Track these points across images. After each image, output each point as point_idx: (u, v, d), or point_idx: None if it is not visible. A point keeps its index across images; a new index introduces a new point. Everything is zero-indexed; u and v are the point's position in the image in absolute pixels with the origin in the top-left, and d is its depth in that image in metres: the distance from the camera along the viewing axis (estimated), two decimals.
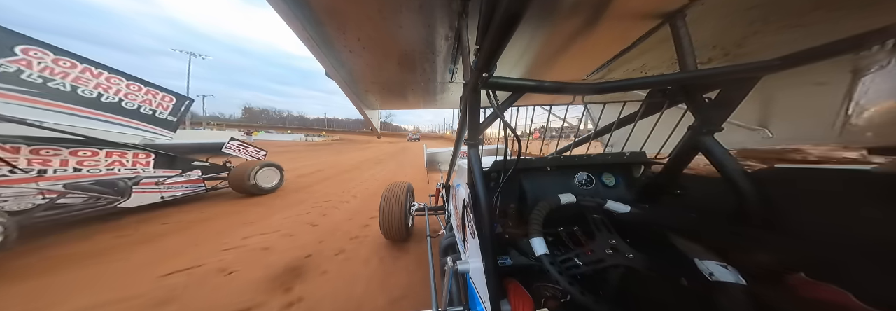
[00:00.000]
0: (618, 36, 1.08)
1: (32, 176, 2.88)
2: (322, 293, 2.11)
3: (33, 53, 2.65)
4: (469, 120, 0.96)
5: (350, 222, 3.79)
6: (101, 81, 3.13)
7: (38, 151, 2.91)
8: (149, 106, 3.63)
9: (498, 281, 0.73)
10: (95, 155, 3.31)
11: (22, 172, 2.80)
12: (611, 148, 1.68)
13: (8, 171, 2.73)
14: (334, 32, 1.02)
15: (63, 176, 3.07)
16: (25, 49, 2.61)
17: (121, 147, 3.50)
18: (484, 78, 0.71)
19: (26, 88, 2.56)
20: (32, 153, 2.88)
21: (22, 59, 2.57)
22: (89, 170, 3.25)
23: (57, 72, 2.77)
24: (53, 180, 2.98)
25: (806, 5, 0.85)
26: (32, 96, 2.60)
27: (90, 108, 3.03)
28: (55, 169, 3.01)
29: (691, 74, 0.82)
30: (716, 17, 0.95)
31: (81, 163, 3.18)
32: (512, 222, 1.18)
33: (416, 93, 1.98)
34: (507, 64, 1.38)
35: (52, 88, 2.72)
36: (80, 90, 2.96)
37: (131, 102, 3.44)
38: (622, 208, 0.93)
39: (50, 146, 2.99)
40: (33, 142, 2.89)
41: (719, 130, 0.93)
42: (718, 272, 0.64)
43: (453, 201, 1.72)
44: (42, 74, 2.68)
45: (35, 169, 2.89)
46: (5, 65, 2.46)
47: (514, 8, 0.47)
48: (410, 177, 7.01)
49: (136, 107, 3.48)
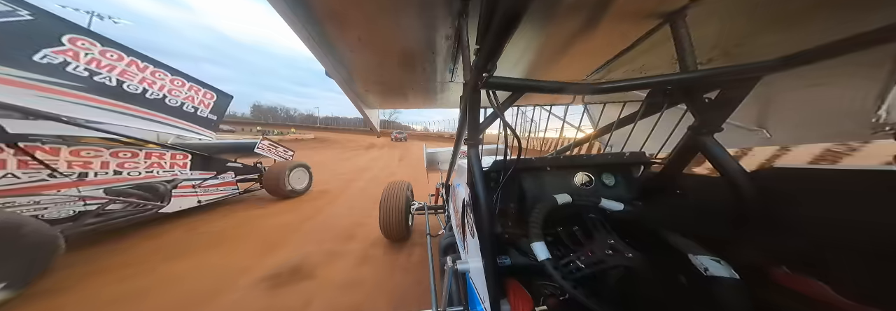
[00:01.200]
0: (618, 36, 1.08)
1: (73, 180, 2.61)
2: None
3: (80, 44, 2.40)
4: (469, 120, 0.96)
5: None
6: (146, 75, 2.88)
7: (78, 152, 2.64)
8: (191, 103, 3.37)
9: (497, 281, 0.73)
10: (135, 156, 3.05)
11: (62, 175, 2.52)
12: (611, 148, 1.68)
13: (47, 175, 2.46)
14: (334, 32, 1.02)
15: (104, 180, 2.81)
16: (72, 39, 2.37)
17: (159, 147, 3.28)
18: (484, 78, 0.71)
19: (72, 82, 2.32)
20: (73, 155, 2.61)
21: (68, 49, 2.32)
22: (129, 173, 2.99)
23: (104, 65, 2.53)
24: (94, 185, 2.74)
25: (806, 5, 0.85)
26: (76, 91, 2.34)
27: (135, 105, 2.79)
28: (96, 172, 2.73)
29: (691, 75, 0.82)
30: (716, 18, 0.95)
31: (122, 165, 2.94)
32: (512, 221, 1.18)
33: (416, 92, 1.98)
34: (507, 64, 1.38)
35: (98, 83, 2.49)
36: (126, 85, 2.72)
37: (175, 98, 3.16)
38: (616, 206, 0.95)
39: (90, 147, 2.72)
40: (73, 142, 2.63)
41: (719, 130, 0.93)
42: (712, 267, 0.65)
43: (453, 201, 1.72)
44: (88, 66, 2.44)
45: (75, 172, 2.62)
46: (50, 55, 2.20)
47: (514, 8, 0.47)
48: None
49: (180, 104, 3.21)
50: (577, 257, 0.78)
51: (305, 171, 5.39)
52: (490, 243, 0.82)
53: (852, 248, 0.59)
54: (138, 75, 2.81)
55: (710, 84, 0.91)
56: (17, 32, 2.06)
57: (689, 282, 0.68)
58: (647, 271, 0.72)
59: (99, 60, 2.49)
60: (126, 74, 2.70)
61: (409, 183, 3.13)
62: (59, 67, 2.25)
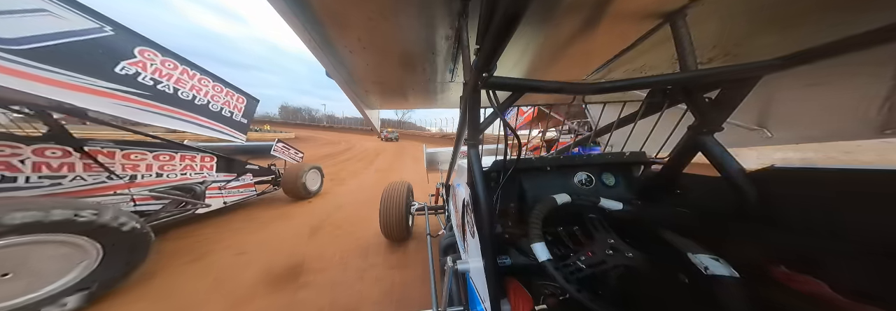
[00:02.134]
0: (618, 36, 1.08)
1: (126, 182, 2.83)
2: None
3: (147, 55, 2.63)
4: (469, 120, 0.96)
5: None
6: (194, 82, 3.11)
7: (129, 155, 2.90)
8: (228, 108, 3.55)
9: (498, 281, 0.73)
10: (172, 159, 3.27)
11: (118, 178, 2.76)
12: (611, 148, 1.68)
13: (106, 177, 2.67)
14: (334, 32, 1.02)
15: (150, 182, 3.04)
16: (142, 50, 2.60)
17: (190, 150, 3.47)
18: (484, 78, 0.71)
19: (141, 91, 2.51)
20: (125, 158, 2.86)
21: (139, 60, 2.55)
22: (168, 175, 3.21)
23: (163, 74, 2.75)
24: (142, 187, 2.97)
25: (806, 5, 0.85)
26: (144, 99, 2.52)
27: (186, 110, 2.95)
28: (143, 174, 2.98)
29: (691, 74, 0.82)
30: (716, 17, 0.95)
31: (162, 167, 3.17)
32: (512, 221, 1.18)
33: (416, 93, 1.98)
34: (507, 64, 1.38)
35: (160, 90, 2.69)
36: (180, 92, 2.91)
37: (216, 104, 3.37)
38: (615, 206, 0.95)
39: (137, 150, 2.96)
40: (125, 146, 2.88)
41: (719, 129, 0.93)
42: (712, 266, 0.65)
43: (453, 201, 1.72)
44: (153, 75, 2.65)
45: (128, 174, 2.86)
46: (127, 67, 2.43)
47: (514, 8, 0.47)
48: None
49: (220, 109, 3.41)
50: (577, 257, 0.78)
51: (318, 172, 5.45)
52: (490, 243, 0.82)
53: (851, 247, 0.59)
54: (189, 83, 3.03)
55: (711, 84, 0.91)
56: (103, 47, 2.28)
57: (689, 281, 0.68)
58: (648, 270, 0.72)
59: (160, 69, 2.71)
60: (180, 81, 2.91)
61: (409, 184, 3.13)
62: (133, 77, 2.47)
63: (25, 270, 1.71)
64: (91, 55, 2.19)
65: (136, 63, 2.50)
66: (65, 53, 2.01)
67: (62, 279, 1.84)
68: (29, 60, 1.82)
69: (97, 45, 2.23)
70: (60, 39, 2.00)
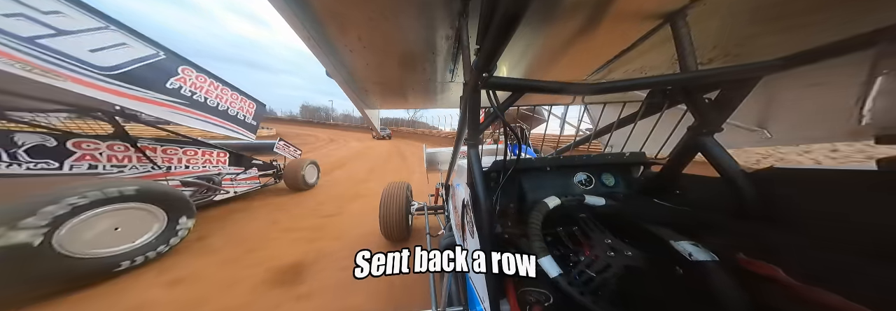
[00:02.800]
0: (618, 36, 1.08)
1: (163, 172, 3.57)
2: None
3: (187, 72, 3.25)
4: (469, 120, 0.96)
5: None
6: (217, 92, 3.75)
7: (166, 150, 3.68)
8: (241, 112, 4.17)
9: (497, 281, 0.73)
10: (196, 154, 4.04)
11: (159, 168, 3.52)
12: (611, 148, 1.68)
13: (151, 167, 3.44)
14: (335, 32, 1.02)
15: (181, 172, 3.80)
16: (183, 68, 3.21)
17: (209, 147, 4.20)
18: (484, 78, 0.71)
19: (183, 100, 3.18)
20: (163, 153, 3.64)
21: (182, 77, 3.18)
22: (193, 167, 3.98)
23: (197, 86, 3.41)
24: (174, 176, 3.67)
25: (807, 6, 0.85)
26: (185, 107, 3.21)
27: (213, 115, 3.63)
28: (175, 166, 3.76)
29: (691, 75, 0.82)
30: (717, 18, 0.95)
31: (189, 161, 3.94)
32: (511, 221, 1.18)
33: (416, 93, 1.98)
34: (507, 64, 1.38)
35: (195, 100, 3.35)
36: (208, 101, 3.57)
37: (233, 108, 4.00)
38: (598, 202, 0.97)
39: (172, 146, 3.76)
40: (163, 143, 3.67)
41: (719, 130, 0.93)
42: (695, 252, 0.67)
43: (453, 201, 1.72)
44: (191, 88, 3.30)
45: (166, 166, 3.61)
46: (173, 82, 3.07)
47: (514, 8, 0.47)
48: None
49: (235, 113, 4.04)
50: (584, 264, 0.77)
51: (315, 167, 6.09)
52: (490, 243, 0.82)
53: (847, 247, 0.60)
54: (213, 92, 3.69)
55: (711, 84, 0.91)
56: (158, 68, 2.90)
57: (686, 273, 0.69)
58: (647, 268, 0.72)
59: (195, 83, 3.38)
60: (208, 92, 3.60)
61: (409, 184, 3.13)
62: (177, 90, 3.13)
63: (127, 226, 2.48)
64: (151, 74, 2.84)
65: (180, 79, 3.16)
66: (136, 74, 2.66)
67: (148, 234, 2.65)
68: (118, 81, 2.50)
69: (155, 67, 2.87)
70: (134, 65, 2.67)
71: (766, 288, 0.60)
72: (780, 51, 0.77)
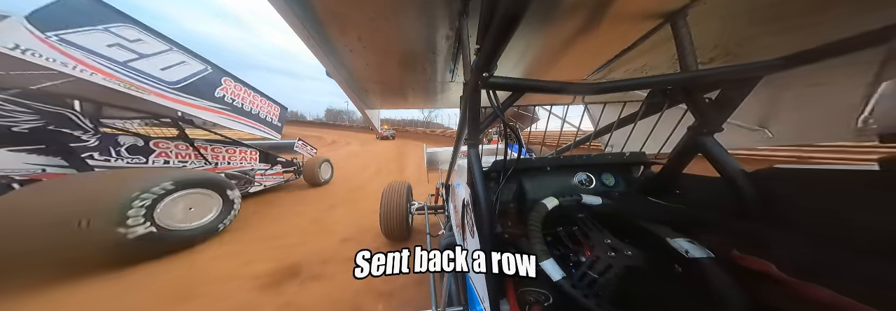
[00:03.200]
0: (618, 36, 1.08)
1: (212, 167, 4.28)
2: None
3: (228, 82, 3.97)
4: (469, 120, 0.96)
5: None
6: (250, 98, 4.43)
7: (214, 149, 4.46)
8: (269, 115, 4.84)
9: (497, 281, 0.73)
10: (234, 152, 4.76)
11: (209, 163, 4.27)
12: (611, 148, 1.68)
13: (203, 163, 4.18)
14: (335, 32, 1.01)
15: (224, 167, 4.49)
16: (225, 80, 3.91)
17: (244, 146, 4.91)
18: (484, 78, 0.71)
19: (225, 106, 3.86)
20: (212, 151, 4.41)
21: (224, 86, 3.90)
22: (233, 163, 4.69)
23: (236, 94, 4.10)
24: (220, 170, 4.31)
25: (807, 6, 0.85)
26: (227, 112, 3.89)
27: (248, 118, 4.32)
28: (220, 162, 4.49)
29: (692, 75, 0.82)
30: (717, 18, 0.95)
31: (230, 158, 4.67)
32: (511, 221, 1.17)
33: (416, 93, 1.98)
34: (507, 64, 1.37)
35: (235, 106, 4.06)
36: (243, 106, 4.24)
37: (263, 112, 4.69)
38: (595, 201, 0.97)
39: (218, 146, 4.53)
40: (212, 143, 4.47)
41: (719, 130, 0.93)
42: (691, 249, 0.68)
43: (453, 201, 1.72)
44: (231, 96, 4.00)
45: (214, 162, 4.36)
46: (218, 92, 3.79)
47: (515, 8, 0.47)
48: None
49: (264, 116, 4.72)
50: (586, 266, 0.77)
51: (329, 164, 6.76)
52: (490, 243, 0.82)
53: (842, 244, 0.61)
54: (248, 99, 4.37)
55: (711, 84, 0.91)
56: (207, 80, 3.61)
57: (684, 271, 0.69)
58: (648, 267, 0.72)
59: (234, 91, 4.07)
60: (244, 98, 4.27)
61: (409, 184, 3.13)
62: (222, 98, 3.82)
63: (197, 207, 3.06)
64: (203, 86, 3.53)
65: (223, 89, 3.88)
66: (193, 86, 3.33)
67: (210, 214, 3.19)
68: (182, 92, 3.17)
69: (205, 79, 3.57)
70: (191, 79, 3.34)
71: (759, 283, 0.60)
72: (781, 51, 0.76)
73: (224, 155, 4.57)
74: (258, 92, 4.54)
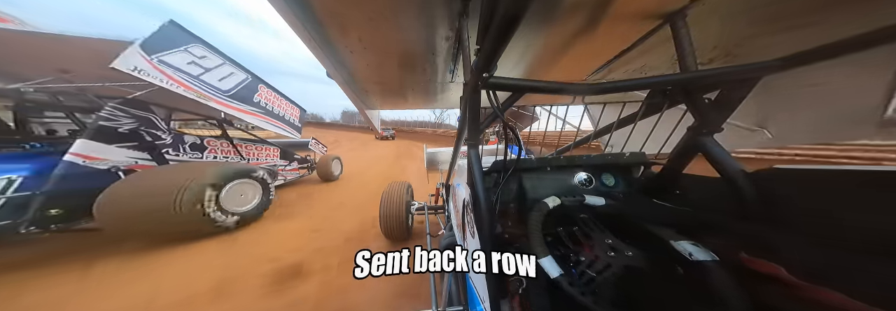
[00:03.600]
0: (618, 36, 1.08)
1: (246, 162, 5.03)
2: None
3: (263, 89, 4.60)
4: (469, 120, 0.96)
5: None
6: (278, 101, 5.01)
7: (247, 146, 5.18)
8: (291, 116, 5.41)
9: (497, 281, 0.73)
10: (262, 149, 5.51)
11: (245, 159, 5.04)
12: (611, 148, 1.68)
13: (240, 158, 4.94)
14: (335, 33, 1.02)
15: (254, 163, 5.15)
16: (261, 86, 4.55)
17: (268, 144, 5.64)
18: (484, 78, 0.71)
19: (261, 110, 4.51)
20: (245, 148, 5.14)
21: (260, 93, 4.53)
22: (260, 159, 5.43)
23: (268, 99, 4.73)
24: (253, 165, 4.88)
25: (807, 6, 0.85)
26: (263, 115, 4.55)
27: (278, 120, 4.90)
28: (251, 158, 5.22)
29: (691, 75, 0.82)
30: (717, 18, 0.95)
31: (258, 154, 5.42)
32: (511, 221, 1.18)
33: (416, 93, 1.98)
34: (507, 64, 1.38)
35: (267, 109, 4.68)
36: (274, 109, 4.86)
37: (288, 114, 5.28)
38: (599, 202, 0.97)
39: (250, 144, 5.27)
40: (245, 141, 5.19)
41: (719, 130, 0.93)
42: (695, 252, 0.67)
43: (453, 201, 1.72)
44: (265, 101, 4.63)
45: (248, 158, 5.11)
46: (256, 98, 4.43)
47: (514, 8, 0.47)
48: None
49: (288, 118, 5.28)
50: (585, 264, 0.77)
51: (339, 161, 7.31)
52: (490, 243, 0.82)
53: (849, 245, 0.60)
54: (277, 102, 4.96)
55: (711, 84, 0.91)
56: (248, 87, 4.25)
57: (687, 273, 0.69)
58: (648, 268, 0.72)
59: (267, 97, 4.71)
60: (273, 102, 4.87)
61: (409, 184, 3.13)
62: (258, 103, 4.46)
63: (246, 194, 3.80)
64: (246, 93, 4.21)
65: (259, 95, 4.51)
66: (239, 93, 4.03)
67: (254, 201, 3.87)
68: (232, 99, 3.90)
69: (247, 87, 4.24)
70: (237, 87, 4.04)
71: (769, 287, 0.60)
72: (780, 51, 0.77)
73: (254, 152, 5.33)
74: (282, 95, 5.23)
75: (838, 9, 0.84)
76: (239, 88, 3.98)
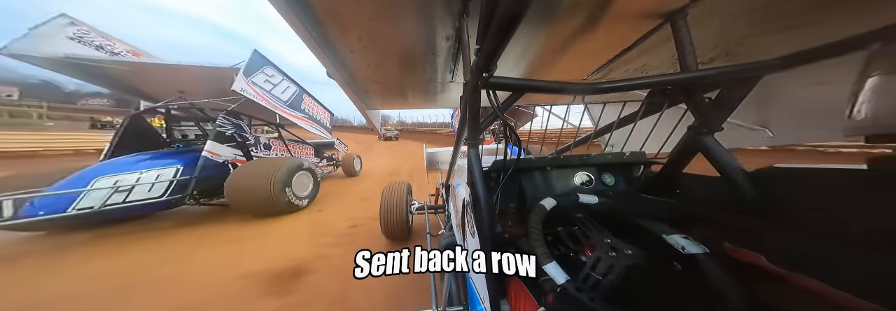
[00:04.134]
0: (618, 36, 1.08)
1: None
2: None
3: (306, 98, 5.46)
4: (469, 120, 0.96)
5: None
6: (316, 107, 5.91)
7: (293, 146, 6.28)
8: (324, 119, 6.24)
9: (497, 280, 0.73)
10: (302, 149, 6.66)
11: (292, 155, 5.93)
12: (611, 148, 1.68)
13: (290, 156, 5.82)
14: (335, 33, 1.02)
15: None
16: (305, 95, 5.41)
17: (306, 144, 6.92)
18: (484, 78, 0.71)
19: (307, 115, 5.43)
20: (292, 147, 6.22)
21: (305, 101, 5.42)
22: (302, 157, 6.32)
23: (310, 105, 5.62)
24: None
25: (807, 6, 0.85)
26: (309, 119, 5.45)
27: (317, 123, 5.77)
28: (294, 155, 6.08)
29: (692, 74, 0.82)
30: (717, 17, 0.95)
31: (300, 153, 6.51)
32: (511, 221, 1.18)
33: (416, 93, 1.98)
34: (507, 64, 1.37)
35: (311, 115, 5.59)
36: (314, 114, 5.75)
37: (322, 118, 6.13)
38: (592, 200, 0.97)
39: (294, 144, 6.45)
40: (292, 141, 6.41)
41: (719, 129, 0.93)
42: (687, 245, 0.68)
43: (453, 201, 1.72)
44: (308, 107, 5.54)
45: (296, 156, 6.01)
46: (303, 106, 5.30)
47: (515, 8, 0.47)
48: None
49: (322, 121, 6.11)
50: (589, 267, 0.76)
51: (359, 159, 8.34)
52: (490, 243, 0.82)
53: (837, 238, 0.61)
54: (315, 108, 5.90)
55: (711, 84, 0.91)
56: (298, 97, 5.18)
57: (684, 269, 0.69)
58: (648, 266, 0.72)
59: (309, 104, 5.58)
60: (313, 108, 5.78)
61: (409, 183, 3.13)
62: (305, 110, 5.37)
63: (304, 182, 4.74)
64: (296, 102, 5.11)
65: (304, 103, 5.42)
66: (292, 103, 4.95)
67: (309, 188, 4.81)
68: (289, 107, 4.83)
69: (297, 97, 5.15)
70: (291, 98, 4.97)
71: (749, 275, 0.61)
72: (780, 50, 0.76)
73: (297, 151, 6.41)
74: (317, 101, 6.14)
75: (838, 8, 0.84)
76: (293, 98, 5.01)
